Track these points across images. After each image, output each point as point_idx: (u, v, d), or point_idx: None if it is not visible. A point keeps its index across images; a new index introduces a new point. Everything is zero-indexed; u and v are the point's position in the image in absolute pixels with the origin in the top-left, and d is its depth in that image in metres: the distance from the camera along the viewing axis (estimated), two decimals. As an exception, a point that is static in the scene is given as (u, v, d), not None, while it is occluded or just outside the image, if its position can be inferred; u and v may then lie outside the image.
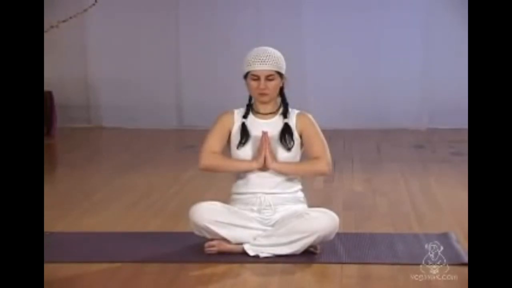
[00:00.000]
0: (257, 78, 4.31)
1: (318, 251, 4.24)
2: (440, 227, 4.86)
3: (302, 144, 4.38)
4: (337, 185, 6.17)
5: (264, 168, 4.27)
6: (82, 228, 4.91)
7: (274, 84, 4.33)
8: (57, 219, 5.11)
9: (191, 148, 8.12)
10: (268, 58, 4.31)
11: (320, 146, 4.34)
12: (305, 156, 4.39)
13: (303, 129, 4.37)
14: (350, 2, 9.50)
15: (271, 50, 4.36)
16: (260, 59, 4.30)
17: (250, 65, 4.31)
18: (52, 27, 7.85)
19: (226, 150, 4.40)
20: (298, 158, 4.39)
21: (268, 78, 4.31)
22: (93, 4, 8.44)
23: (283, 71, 4.35)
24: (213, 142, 4.36)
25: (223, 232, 4.23)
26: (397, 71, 9.48)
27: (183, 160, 7.43)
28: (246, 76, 4.35)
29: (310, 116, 4.42)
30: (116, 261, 4.20)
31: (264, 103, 4.37)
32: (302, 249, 4.19)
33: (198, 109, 9.51)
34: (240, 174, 4.37)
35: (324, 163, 4.31)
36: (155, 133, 9.26)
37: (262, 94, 4.33)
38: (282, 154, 4.33)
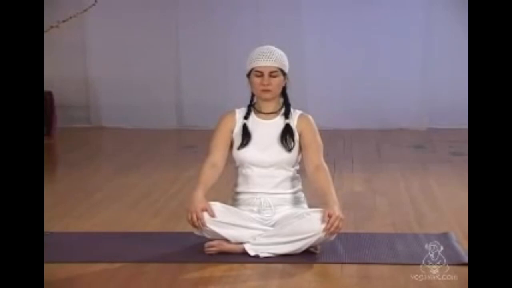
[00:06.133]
0: (260, 74, 4.32)
1: (318, 251, 4.24)
2: (440, 227, 4.86)
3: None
4: (337, 185, 6.12)
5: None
6: (82, 228, 4.91)
7: (277, 81, 4.34)
8: (57, 219, 5.11)
9: (191, 148, 8.12)
10: (272, 55, 4.32)
11: (316, 151, 4.36)
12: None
13: (302, 130, 4.38)
14: (350, 2, 9.50)
15: (274, 48, 4.39)
16: (264, 55, 4.32)
17: (254, 61, 4.33)
18: (52, 27, 7.85)
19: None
20: (298, 158, 4.40)
21: (272, 74, 4.32)
22: (93, 4, 8.43)
23: (286, 70, 4.37)
24: (216, 152, 4.37)
25: (223, 231, 4.23)
26: (397, 71, 9.47)
27: (183, 160, 7.42)
28: (249, 74, 4.36)
29: (311, 118, 4.43)
30: (116, 261, 4.20)
31: (266, 100, 4.38)
32: (302, 249, 4.19)
33: (198, 109, 9.51)
34: (241, 173, 4.38)
35: (323, 169, 4.33)
36: (155, 133, 9.26)
37: (265, 91, 4.33)
38: (282, 155, 4.33)
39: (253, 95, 4.44)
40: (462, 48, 8.28)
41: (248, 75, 4.38)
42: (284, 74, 4.37)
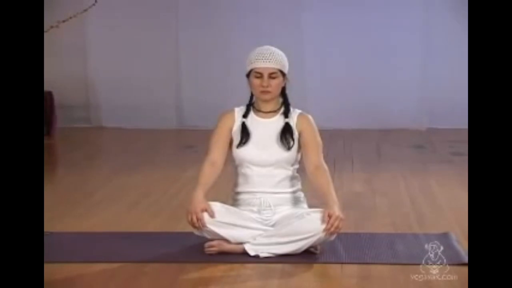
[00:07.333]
0: (260, 75, 4.32)
1: (318, 251, 4.23)
2: (440, 227, 4.86)
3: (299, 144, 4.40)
4: (337, 185, 6.12)
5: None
6: (82, 228, 4.91)
7: (276, 82, 4.33)
8: (57, 219, 5.11)
9: (191, 148, 8.13)
10: (271, 56, 4.32)
11: (316, 151, 4.36)
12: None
13: (302, 130, 4.37)
14: (350, 3, 9.50)
15: (274, 49, 4.38)
16: (263, 56, 4.32)
17: (253, 62, 4.32)
18: (52, 27, 7.85)
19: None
20: (298, 157, 4.40)
21: (271, 76, 4.32)
22: (93, 4, 8.43)
23: (285, 71, 4.37)
24: (215, 150, 4.37)
25: (223, 232, 4.22)
26: (397, 71, 9.48)
27: (183, 160, 7.42)
28: (249, 74, 4.36)
29: (310, 117, 4.43)
30: (116, 261, 4.20)
31: (266, 101, 4.38)
32: (302, 249, 4.19)
33: (198, 109, 9.52)
34: (241, 172, 4.38)
35: (324, 169, 4.32)
36: (155, 133, 9.26)
37: (265, 92, 4.33)
38: (281, 154, 4.33)
39: (252, 94, 4.44)
40: (462, 48, 8.28)
41: (248, 76, 4.38)
42: (283, 74, 4.36)
